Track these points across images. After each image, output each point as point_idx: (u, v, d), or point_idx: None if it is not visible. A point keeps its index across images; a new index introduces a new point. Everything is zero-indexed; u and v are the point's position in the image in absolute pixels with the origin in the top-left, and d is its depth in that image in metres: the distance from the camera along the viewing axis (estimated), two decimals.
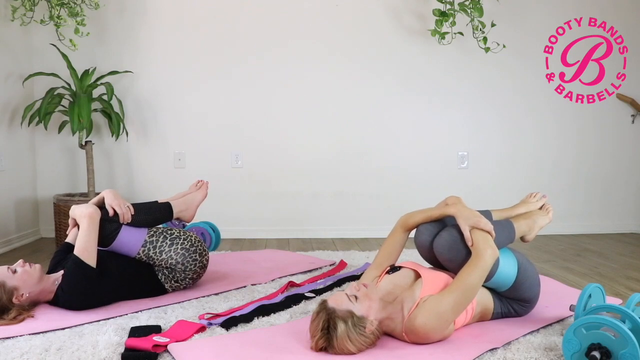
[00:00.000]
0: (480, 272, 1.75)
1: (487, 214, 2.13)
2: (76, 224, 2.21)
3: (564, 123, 4.07)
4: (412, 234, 2.05)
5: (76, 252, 2.10)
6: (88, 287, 2.10)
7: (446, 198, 2.10)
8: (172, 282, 2.35)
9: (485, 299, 1.95)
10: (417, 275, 1.88)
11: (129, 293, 2.27)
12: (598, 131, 4.09)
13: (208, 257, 2.44)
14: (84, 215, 2.14)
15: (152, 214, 2.34)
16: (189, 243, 2.33)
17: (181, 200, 2.51)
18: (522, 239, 2.13)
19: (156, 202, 2.45)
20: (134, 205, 2.31)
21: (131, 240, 2.24)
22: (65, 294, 2.09)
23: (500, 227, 1.94)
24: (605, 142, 4.10)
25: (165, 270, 2.32)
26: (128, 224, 2.26)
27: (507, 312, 2.01)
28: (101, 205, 2.25)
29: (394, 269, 1.94)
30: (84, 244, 2.11)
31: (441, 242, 1.88)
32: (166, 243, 2.29)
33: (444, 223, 1.98)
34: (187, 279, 2.37)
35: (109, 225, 2.21)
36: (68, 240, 2.37)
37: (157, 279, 2.32)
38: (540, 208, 2.28)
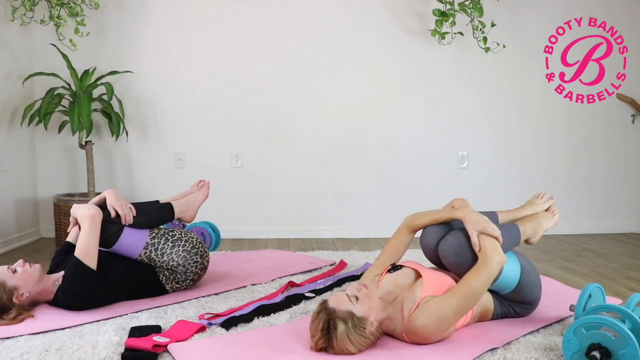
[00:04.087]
0: (486, 279, 1.74)
1: (493, 215, 2.12)
2: (77, 223, 2.20)
3: (564, 123, 4.07)
4: (418, 234, 2.04)
5: (77, 253, 2.09)
6: (87, 289, 2.10)
7: (452, 201, 2.08)
8: (173, 283, 2.35)
9: (485, 301, 1.95)
10: (418, 275, 1.88)
11: (130, 294, 2.27)
12: (598, 131, 4.09)
13: (209, 258, 2.44)
14: (85, 217, 2.13)
15: (154, 215, 2.33)
16: (190, 245, 2.33)
17: (182, 201, 2.50)
18: (527, 241, 2.10)
19: (157, 202, 2.44)
20: (135, 205, 2.30)
21: (133, 242, 2.23)
22: (65, 295, 2.09)
23: (506, 231, 1.92)
24: (605, 142, 4.10)
25: (166, 272, 2.33)
26: (130, 226, 2.24)
27: (508, 312, 2.01)
28: (102, 206, 2.24)
29: (395, 268, 1.94)
30: (85, 246, 2.10)
31: (447, 246, 1.86)
32: (168, 245, 2.28)
33: (450, 226, 1.96)
34: (188, 280, 2.38)
35: (110, 228, 2.20)
36: (69, 239, 2.37)
37: (157, 280, 2.32)
38: (547, 210, 2.24)
